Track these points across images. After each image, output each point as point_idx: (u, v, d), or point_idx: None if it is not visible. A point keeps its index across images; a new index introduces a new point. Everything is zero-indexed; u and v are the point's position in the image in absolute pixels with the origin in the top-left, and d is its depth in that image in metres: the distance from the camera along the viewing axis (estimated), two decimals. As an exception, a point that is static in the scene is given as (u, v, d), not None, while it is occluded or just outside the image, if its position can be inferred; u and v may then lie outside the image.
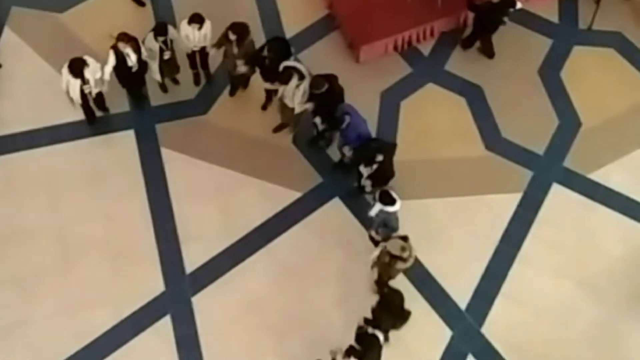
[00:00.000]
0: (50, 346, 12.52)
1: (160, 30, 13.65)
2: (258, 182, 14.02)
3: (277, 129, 14.43)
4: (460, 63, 15.15)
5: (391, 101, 14.75)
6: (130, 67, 13.63)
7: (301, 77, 13.28)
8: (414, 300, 12.79)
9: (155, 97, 14.73)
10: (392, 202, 12.39)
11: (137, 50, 13.52)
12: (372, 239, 13.07)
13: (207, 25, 13.84)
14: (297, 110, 13.63)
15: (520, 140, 14.33)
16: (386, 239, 12.32)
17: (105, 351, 12.56)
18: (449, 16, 15.30)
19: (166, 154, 14.23)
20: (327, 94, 13.24)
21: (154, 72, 14.08)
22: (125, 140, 14.34)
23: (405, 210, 12.63)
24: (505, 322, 12.85)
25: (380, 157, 12.91)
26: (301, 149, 14.32)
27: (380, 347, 11.63)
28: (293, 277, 13.25)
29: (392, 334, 12.24)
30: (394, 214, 12.43)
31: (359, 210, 13.61)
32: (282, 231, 13.65)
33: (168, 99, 14.72)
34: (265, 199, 13.89)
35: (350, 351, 11.48)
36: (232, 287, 13.15)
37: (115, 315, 12.82)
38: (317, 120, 13.67)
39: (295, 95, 13.42)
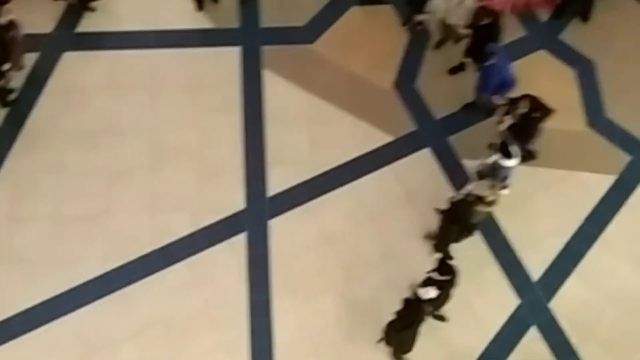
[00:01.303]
0: (127, 241, 12.87)
1: None
2: (352, 119, 14.02)
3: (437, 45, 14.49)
4: (576, 34, 14.82)
5: (499, 62, 14.49)
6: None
7: None
8: (488, 264, 12.81)
9: (266, 19, 14.78)
10: (509, 155, 12.23)
11: None
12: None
13: None
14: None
15: (624, 123, 14.03)
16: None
17: (178, 256, 12.84)
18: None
19: (267, 76, 14.32)
20: (485, 28, 13.13)
21: None
22: (230, 57, 14.47)
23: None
24: (574, 301, 12.72)
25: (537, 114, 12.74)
26: (401, 93, 14.22)
27: (455, 277, 11.62)
28: (372, 219, 13.28)
29: (460, 294, 12.20)
30: (508, 169, 12.32)
31: (448, 165, 13.59)
32: (368, 172, 13.68)
33: (278, 23, 14.75)
34: (357, 137, 13.91)
35: (428, 281, 11.47)
36: (309, 218, 13.27)
37: (193, 223, 13.07)
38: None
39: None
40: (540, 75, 14.40)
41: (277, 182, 13.48)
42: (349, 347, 12.33)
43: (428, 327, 12.18)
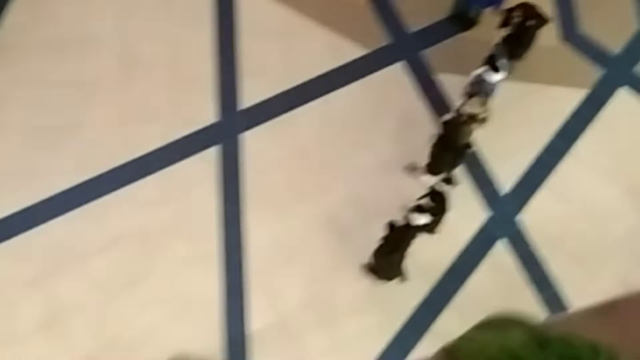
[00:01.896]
0: (98, 153, 12.83)
1: None
2: (326, 32, 13.90)
3: None
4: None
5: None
6: None
7: None
8: (459, 177, 12.81)
9: None
10: (496, 69, 12.22)
11: None
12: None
13: None
14: None
15: (598, 37, 13.97)
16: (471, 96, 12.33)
17: (150, 169, 12.85)
18: None
19: (241, -14, 14.13)
20: None
21: None
22: (203, -34, 14.24)
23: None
24: (543, 214, 12.88)
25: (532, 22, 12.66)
26: (377, 6, 14.07)
27: (445, 211, 11.65)
28: (344, 132, 13.30)
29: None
30: (496, 83, 12.33)
31: (422, 79, 13.56)
32: (341, 85, 13.63)
33: None
34: (330, 49, 13.81)
35: (418, 208, 11.46)
36: (282, 131, 13.27)
37: (166, 135, 13.04)
38: None
39: None
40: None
41: (249, 95, 13.43)
42: (321, 258, 12.48)
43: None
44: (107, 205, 12.51)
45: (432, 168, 12.41)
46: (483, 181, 13.02)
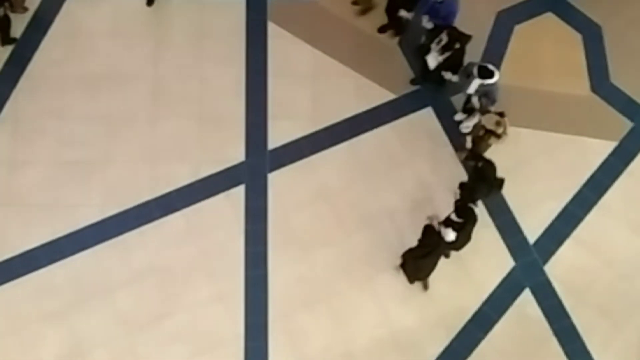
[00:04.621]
0: (126, 188, 12.88)
1: None
2: (356, 75, 13.96)
3: (381, 29, 14.27)
4: (585, -2, 14.73)
5: (506, 23, 14.43)
6: None
7: None
8: (485, 226, 12.72)
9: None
10: (491, 74, 12.39)
11: None
12: (468, 108, 13.05)
13: None
14: None
15: (628, 90, 13.95)
16: (484, 112, 12.43)
17: (176, 206, 12.87)
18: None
19: (272, 28, 14.23)
20: None
21: None
22: (236, 8, 14.34)
23: (495, 134, 12.55)
24: (570, 264, 12.77)
25: (457, 45, 12.81)
26: (405, 53, 14.15)
27: (475, 221, 11.79)
28: (370, 176, 13.28)
29: (455, 254, 12.32)
30: (495, 84, 12.45)
31: (449, 124, 13.53)
32: (369, 129, 13.65)
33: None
34: (359, 93, 13.86)
35: (448, 222, 11.63)
36: (308, 172, 13.28)
37: (192, 173, 13.07)
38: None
39: None
40: (546, 38, 14.35)
41: (277, 136, 13.45)
42: (341, 300, 12.41)
43: (421, 285, 12.37)
44: (133, 241, 12.53)
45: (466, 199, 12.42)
46: (510, 230, 12.93)
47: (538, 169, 13.33)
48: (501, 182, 12.69)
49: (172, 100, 13.59)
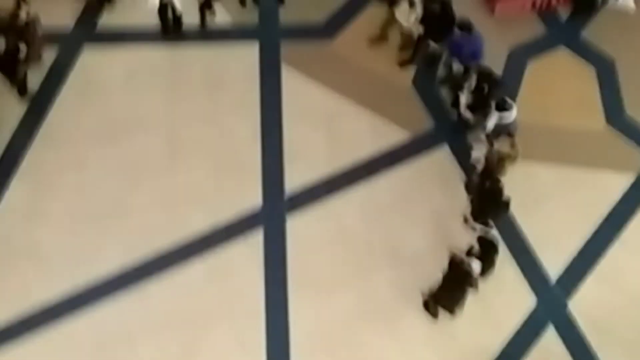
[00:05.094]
0: (145, 237, 12.88)
1: None
2: (371, 115, 14.03)
3: (402, 63, 14.32)
4: (597, 33, 14.80)
5: (519, 59, 14.51)
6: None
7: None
8: (506, 264, 12.69)
9: (286, 15, 14.79)
10: (509, 107, 12.58)
11: None
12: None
13: None
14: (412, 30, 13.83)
15: (643, 121, 13.96)
16: (491, 143, 12.61)
17: (195, 252, 12.85)
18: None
19: (286, 71, 14.36)
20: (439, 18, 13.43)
21: None
22: (250, 52, 14.55)
23: (512, 172, 12.52)
24: (593, 301, 12.63)
25: (486, 88, 12.93)
26: (420, 91, 14.19)
27: (496, 253, 11.88)
28: (388, 215, 13.26)
29: (477, 294, 12.20)
30: (514, 120, 12.63)
31: (465, 164, 13.51)
32: (386, 169, 13.67)
33: (298, 19, 14.75)
34: (375, 133, 13.90)
35: (470, 252, 11.77)
36: (326, 215, 13.26)
37: (211, 218, 13.08)
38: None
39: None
40: (560, 73, 14.40)
41: (294, 179, 13.49)
42: (363, 344, 12.28)
43: (444, 326, 12.28)
44: (153, 289, 12.50)
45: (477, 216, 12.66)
46: (530, 267, 12.84)
47: (556, 205, 13.28)
48: (507, 203, 12.59)
49: (188, 146, 13.68)
